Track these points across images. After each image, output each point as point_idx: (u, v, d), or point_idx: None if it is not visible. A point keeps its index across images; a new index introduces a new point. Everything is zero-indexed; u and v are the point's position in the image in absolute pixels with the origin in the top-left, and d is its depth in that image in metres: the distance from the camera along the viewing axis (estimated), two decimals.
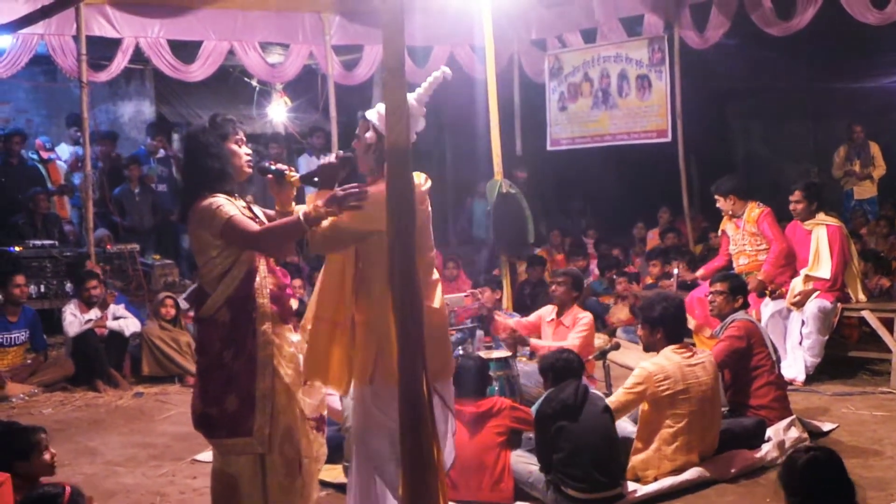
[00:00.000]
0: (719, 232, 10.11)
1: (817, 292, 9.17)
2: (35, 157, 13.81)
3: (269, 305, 4.92)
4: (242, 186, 5.17)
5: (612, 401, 6.42)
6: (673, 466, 6.43)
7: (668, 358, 6.59)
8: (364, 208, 4.70)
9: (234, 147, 5.05)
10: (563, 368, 6.45)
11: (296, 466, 5.01)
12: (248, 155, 5.10)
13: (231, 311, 4.88)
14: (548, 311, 8.83)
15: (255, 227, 4.89)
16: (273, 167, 5.11)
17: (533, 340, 8.51)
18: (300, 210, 4.86)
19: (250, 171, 5.11)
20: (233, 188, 5.02)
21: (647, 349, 6.92)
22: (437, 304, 5.03)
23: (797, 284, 9.29)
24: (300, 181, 5.13)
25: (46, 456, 5.45)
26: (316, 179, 5.01)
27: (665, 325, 6.76)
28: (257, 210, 5.13)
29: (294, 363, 5.03)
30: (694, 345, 9.56)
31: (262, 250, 4.94)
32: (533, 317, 8.89)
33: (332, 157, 5.05)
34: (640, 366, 6.59)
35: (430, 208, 5.12)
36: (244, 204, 5.02)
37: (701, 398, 6.51)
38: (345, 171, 5.03)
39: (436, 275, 5.18)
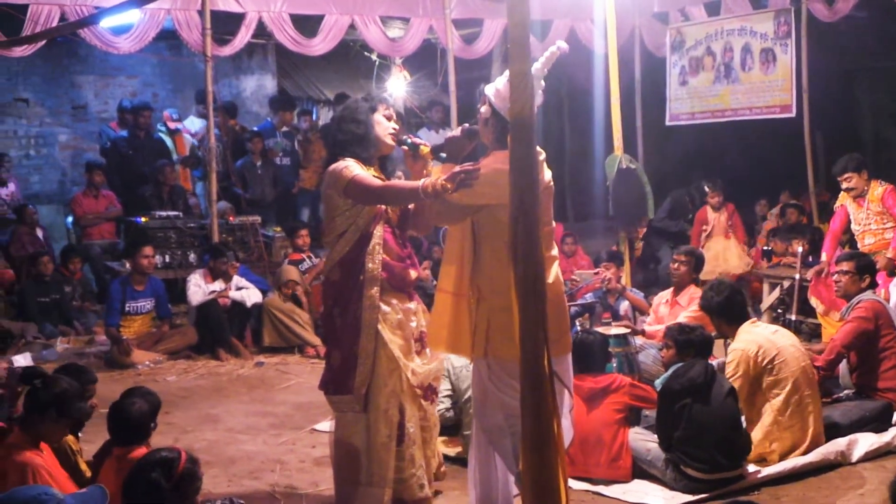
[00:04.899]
0: (836, 206, 9.84)
1: None
2: (163, 128, 14.10)
3: (380, 272, 5.12)
4: (386, 161, 5.45)
5: None
6: (793, 434, 6.38)
7: (750, 332, 6.63)
8: (472, 185, 4.74)
9: (380, 118, 5.29)
10: (699, 343, 6.45)
11: (396, 430, 5.19)
12: (393, 129, 5.25)
13: (341, 271, 5.18)
14: (663, 294, 8.74)
15: (377, 182, 5.14)
16: (409, 140, 5.31)
17: (647, 328, 8.42)
18: (422, 181, 4.96)
19: (393, 143, 5.29)
20: (370, 156, 5.28)
21: (721, 337, 7.01)
22: (551, 279, 5.02)
23: None
24: (431, 154, 5.26)
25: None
26: (443, 155, 5.09)
27: (717, 313, 6.81)
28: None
29: (402, 331, 5.17)
30: (820, 325, 9.50)
31: (384, 203, 5.19)
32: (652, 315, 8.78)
33: (457, 131, 5.11)
34: (730, 350, 6.64)
35: (549, 182, 5.11)
36: (375, 173, 5.16)
37: (796, 360, 6.48)
38: (471, 143, 5.08)
39: (554, 250, 5.17)
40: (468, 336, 5.04)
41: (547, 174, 5.12)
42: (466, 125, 5.19)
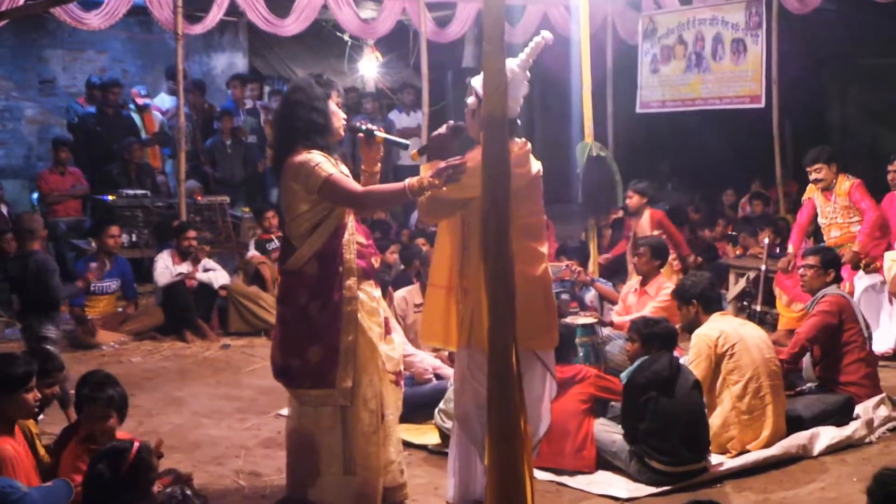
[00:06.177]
0: (804, 199, 9.88)
1: None
2: (132, 106, 13.95)
3: (356, 261, 5.09)
4: (332, 146, 5.28)
5: None
6: (752, 421, 6.42)
7: (717, 321, 6.70)
8: (460, 179, 4.74)
9: (335, 107, 5.19)
10: (664, 336, 6.41)
11: (378, 418, 5.18)
12: (344, 119, 5.21)
13: (319, 264, 5.06)
14: (631, 283, 8.76)
15: (356, 186, 5.05)
16: (364, 127, 5.28)
17: (615, 318, 8.43)
18: (408, 180, 4.93)
19: (343, 135, 5.23)
20: (328, 144, 5.15)
21: (689, 330, 6.89)
22: (539, 272, 5.07)
23: (893, 266, 8.97)
24: (418, 154, 5.26)
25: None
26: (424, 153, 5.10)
27: (698, 298, 6.82)
28: (343, 169, 5.23)
29: (377, 317, 5.16)
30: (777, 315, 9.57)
31: (362, 209, 5.17)
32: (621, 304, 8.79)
33: (443, 128, 5.11)
34: (695, 335, 6.66)
35: (538, 172, 5.16)
36: (334, 161, 5.12)
37: (758, 349, 6.52)
38: (457, 140, 5.07)
39: (543, 245, 5.21)
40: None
41: (535, 165, 5.16)
42: (452, 122, 5.19)
